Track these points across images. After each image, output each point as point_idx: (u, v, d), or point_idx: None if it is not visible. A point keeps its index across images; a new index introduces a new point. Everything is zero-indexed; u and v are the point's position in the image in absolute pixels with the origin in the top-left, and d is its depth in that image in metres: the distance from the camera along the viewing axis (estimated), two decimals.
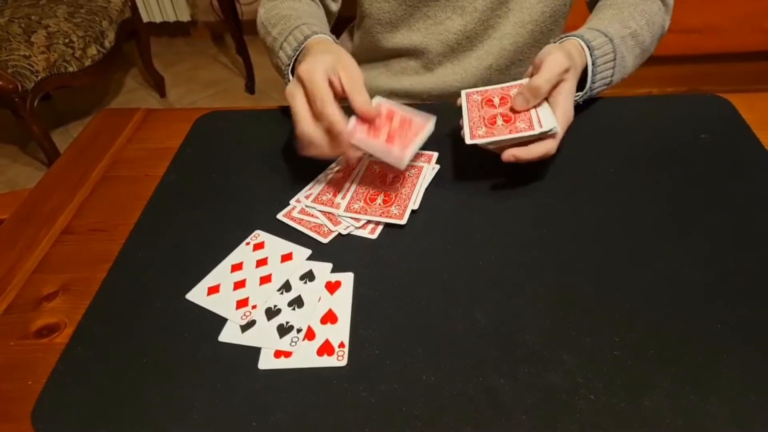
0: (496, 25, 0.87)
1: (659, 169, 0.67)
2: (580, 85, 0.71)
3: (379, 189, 0.66)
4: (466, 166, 0.68)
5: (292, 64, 0.73)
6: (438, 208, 0.64)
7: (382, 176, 0.67)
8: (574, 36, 0.71)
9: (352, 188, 0.66)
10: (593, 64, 0.70)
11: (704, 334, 0.50)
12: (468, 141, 0.63)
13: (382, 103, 0.64)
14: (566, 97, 0.65)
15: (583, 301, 0.53)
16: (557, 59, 0.64)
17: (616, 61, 0.72)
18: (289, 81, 0.74)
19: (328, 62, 0.62)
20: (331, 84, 0.61)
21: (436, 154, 0.70)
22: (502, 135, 0.62)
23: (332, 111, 0.59)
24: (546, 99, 0.64)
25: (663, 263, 0.56)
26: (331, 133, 0.60)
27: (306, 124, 0.60)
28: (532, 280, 0.56)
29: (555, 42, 0.72)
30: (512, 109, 0.64)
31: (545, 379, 0.47)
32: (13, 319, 0.57)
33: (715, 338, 0.50)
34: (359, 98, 0.61)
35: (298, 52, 0.72)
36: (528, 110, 0.64)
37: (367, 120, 0.62)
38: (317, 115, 0.60)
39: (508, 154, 0.62)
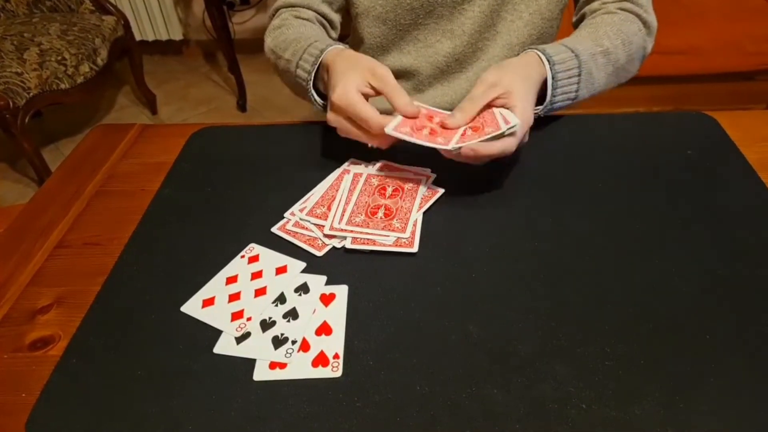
0: (485, 48, 0.89)
1: (647, 184, 0.69)
2: (542, 97, 0.73)
3: (379, 203, 0.66)
4: (457, 181, 0.69)
5: (312, 80, 0.76)
6: (430, 222, 0.65)
7: (381, 189, 0.68)
8: (536, 49, 0.73)
9: (351, 201, 0.67)
10: (553, 78, 0.72)
11: (693, 345, 0.51)
12: (387, 130, 0.64)
13: (421, 106, 0.69)
14: (521, 100, 0.65)
15: (574, 312, 0.54)
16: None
17: (581, 76, 0.73)
18: (311, 96, 0.77)
19: (356, 79, 0.66)
20: (366, 96, 0.67)
21: (428, 171, 0.71)
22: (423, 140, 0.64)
23: (380, 123, 0.65)
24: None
25: (652, 276, 0.58)
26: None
27: (365, 138, 0.68)
28: (524, 293, 0.57)
29: (524, 52, 0.74)
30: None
31: (537, 389, 0.48)
32: (7, 332, 0.57)
33: (704, 348, 0.51)
34: (400, 101, 0.66)
35: (315, 67, 0.75)
36: (486, 115, 0.66)
37: (411, 118, 0.67)
38: (371, 130, 0.66)
39: (467, 149, 0.63)
